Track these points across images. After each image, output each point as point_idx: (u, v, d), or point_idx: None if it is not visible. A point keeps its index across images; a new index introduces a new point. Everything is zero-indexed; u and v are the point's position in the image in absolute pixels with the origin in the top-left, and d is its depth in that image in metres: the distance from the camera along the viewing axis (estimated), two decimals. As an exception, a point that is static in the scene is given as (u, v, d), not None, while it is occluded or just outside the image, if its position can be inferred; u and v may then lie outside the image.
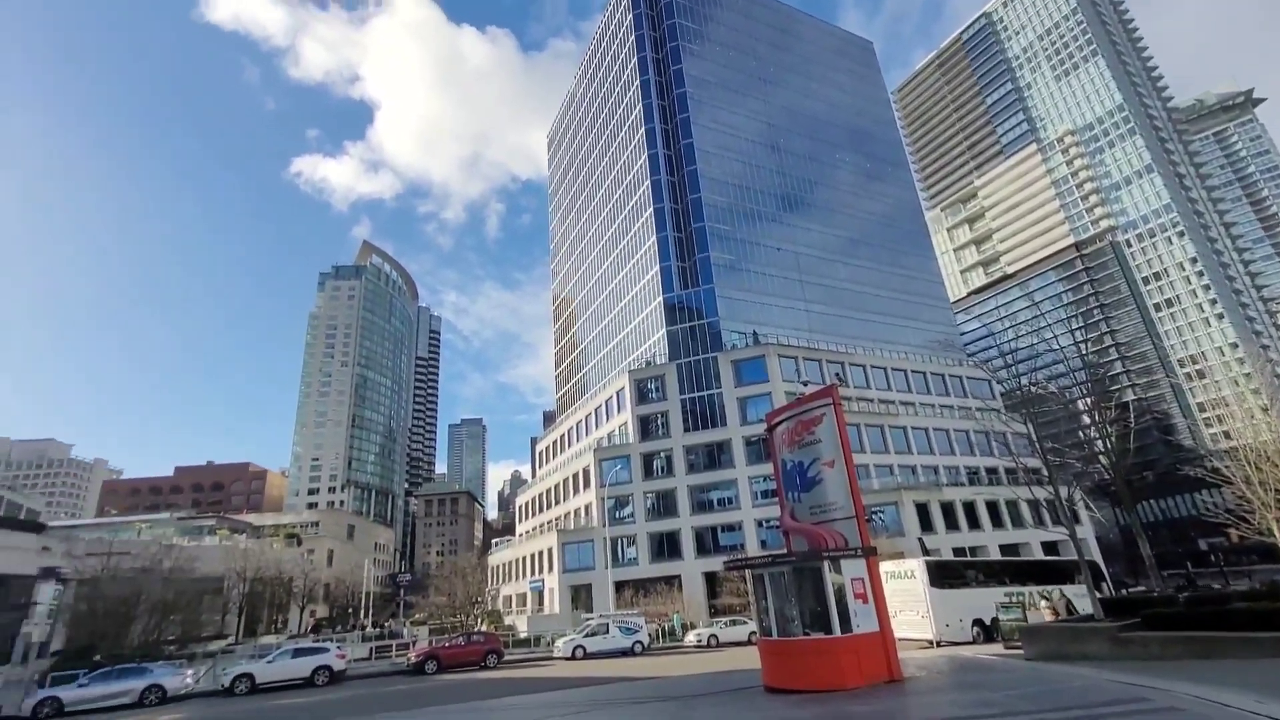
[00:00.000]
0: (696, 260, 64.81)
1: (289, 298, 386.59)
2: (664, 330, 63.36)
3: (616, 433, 61.72)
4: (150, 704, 22.64)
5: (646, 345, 66.88)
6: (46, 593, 25.06)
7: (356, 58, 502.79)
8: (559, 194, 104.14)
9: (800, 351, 59.98)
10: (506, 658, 30.29)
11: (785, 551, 16.33)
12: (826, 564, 13.67)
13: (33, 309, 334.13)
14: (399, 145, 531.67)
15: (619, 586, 46.32)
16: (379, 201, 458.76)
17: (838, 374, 58.49)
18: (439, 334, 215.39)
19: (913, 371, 66.58)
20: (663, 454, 57.16)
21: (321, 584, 77.13)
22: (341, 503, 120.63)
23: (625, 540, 54.18)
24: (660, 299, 64.78)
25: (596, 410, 67.99)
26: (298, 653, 26.16)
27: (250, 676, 24.27)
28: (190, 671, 25.51)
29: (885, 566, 19.14)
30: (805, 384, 20.06)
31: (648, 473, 56.63)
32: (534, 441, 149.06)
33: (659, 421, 58.80)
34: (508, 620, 52.65)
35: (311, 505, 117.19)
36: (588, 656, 29.05)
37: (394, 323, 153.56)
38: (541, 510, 71.01)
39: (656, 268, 66.24)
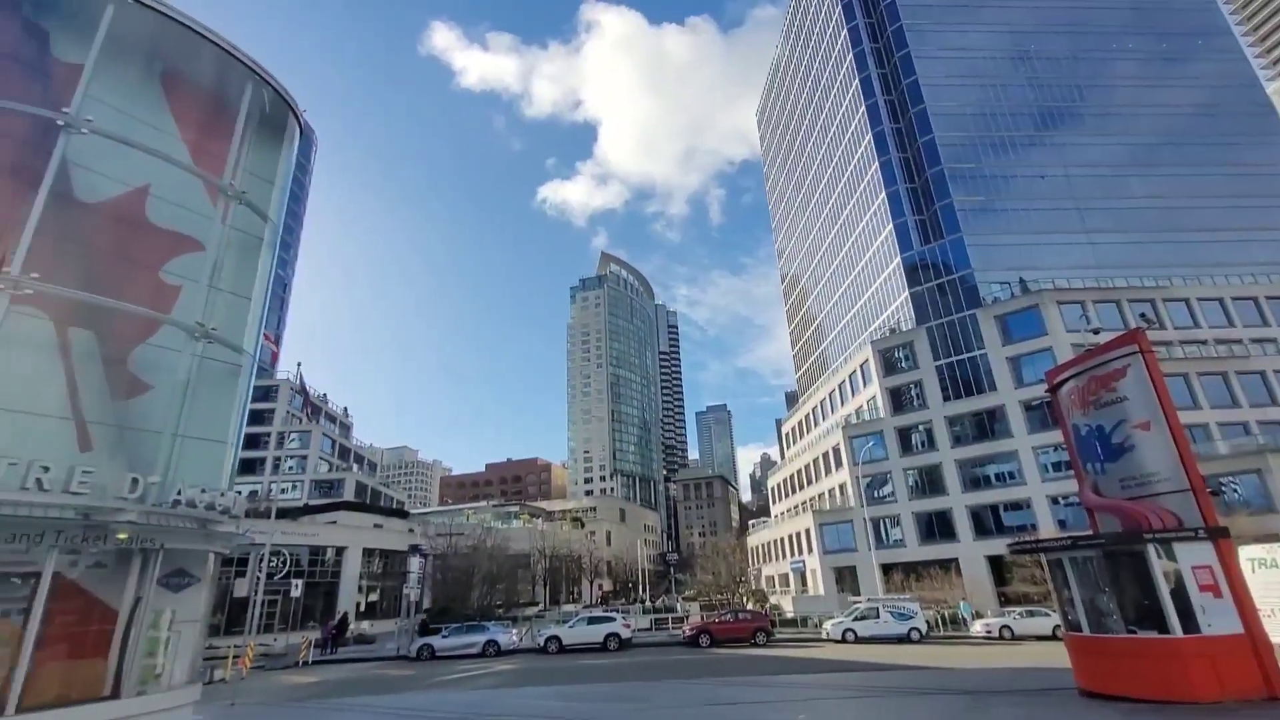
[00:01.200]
0: (937, 210, 57.69)
1: (551, 311, 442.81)
2: (906, 293, 57.75)
3: (865, 408, 58.17)
4: (490, 655, 28.09)
5: (889, 312, 61.71)
6: (414, 564, 32.80)
7: (576, 84, 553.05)
8: (775, 168, 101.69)
9: (1087, 294, 49.48)
10: (776, 637, 30.78)
11: (1091, 533, 13.76)
12: (1152, 548, 11.23)
13: (381, 342, 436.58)
14: (621, 155, 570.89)
15: (886, 569, 43.67)
16: (611, 212, 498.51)
17: (1145, 314, 46.77)
18: (676, 328, 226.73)
19: (1267, 298, 50.25)
20: (921, 427, 52.22)
21: (604, 561, 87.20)
22: (611, 490, 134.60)
23: (888, 521, 50.84)
24: (898, 259, 59.18)
25: (840, 386, 64.90)
26: (591, 620, 30.05)
27: (558, 638, 28.63)
28: (515, 631, 30.98)
29: (1249, 552, 14.92)
30: (1095, 332, 16.53)
31: (905, 448, 52.29)
32: (779, 423, 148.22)
33: (912, 392, 53.83)
34: (772, 599, 53.33)
35: (588, 493, 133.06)
36: (859, 640, 28.05)
37: (636, 323, 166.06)
38: (794, 491, 70.29)
39: (890, 226, 60.66)
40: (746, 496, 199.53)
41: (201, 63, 11.91)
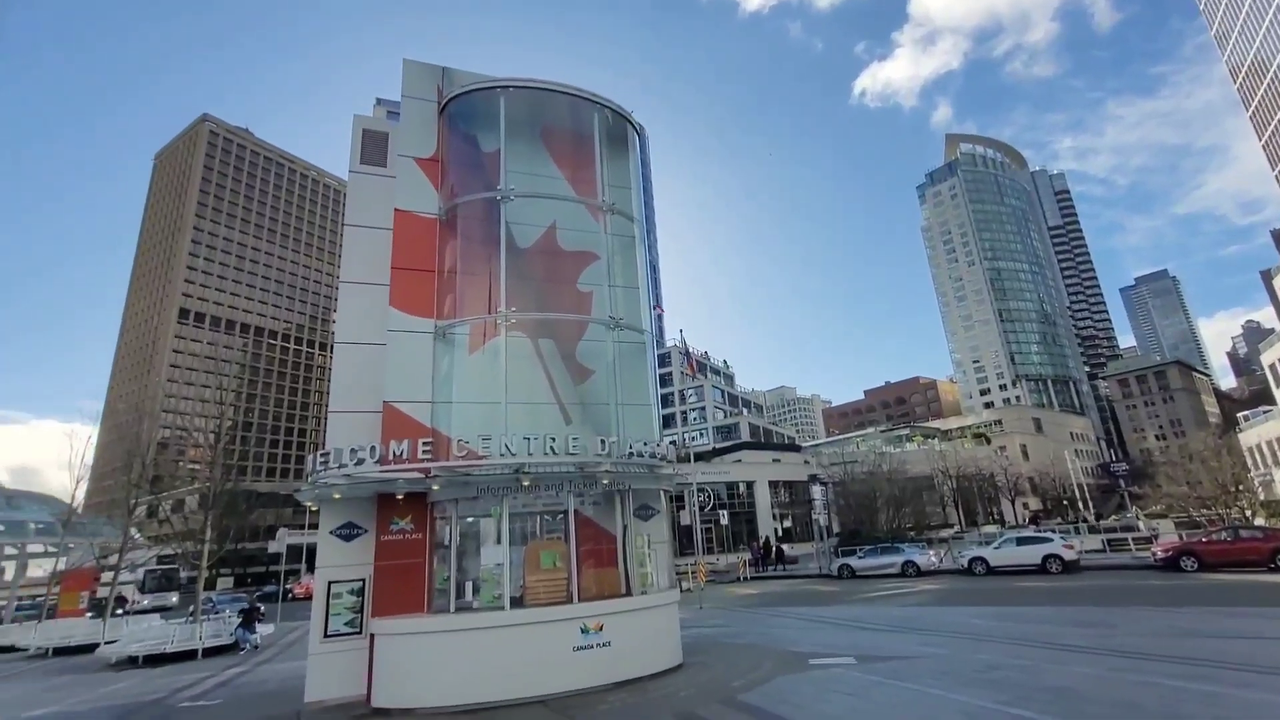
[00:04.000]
0: None
1: (899, 218, 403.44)
2: None
3: None
4: (910, 575, 28.09)
5: None
6: (816, 492, 34.95)
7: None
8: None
9: None
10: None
11: None
12: None
13: (743, 294, 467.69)
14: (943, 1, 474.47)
15: None
16: (947, 76, 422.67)
17: None
18: (1066, 192, 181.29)
19: None
20: None
21: (1023, 478, 76.93)
22: (1016, 398, 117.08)
23: None
24: None
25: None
26: (1021, 541, 27.15)
27: (984, 560, 26.79)
28: (931, 552, 30.22)
29: None
30: None
31: None
32: (1267, 275, 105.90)
33: None
34: (1302, 513, 38.95)
35: (987, 405, 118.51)
36: None
37: (1008, 203, 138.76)
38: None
39: None
40: (1227, 382, 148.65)
41: (561, 110, 14.85)
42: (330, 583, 10.92)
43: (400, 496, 11.20)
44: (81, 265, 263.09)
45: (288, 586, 41.99)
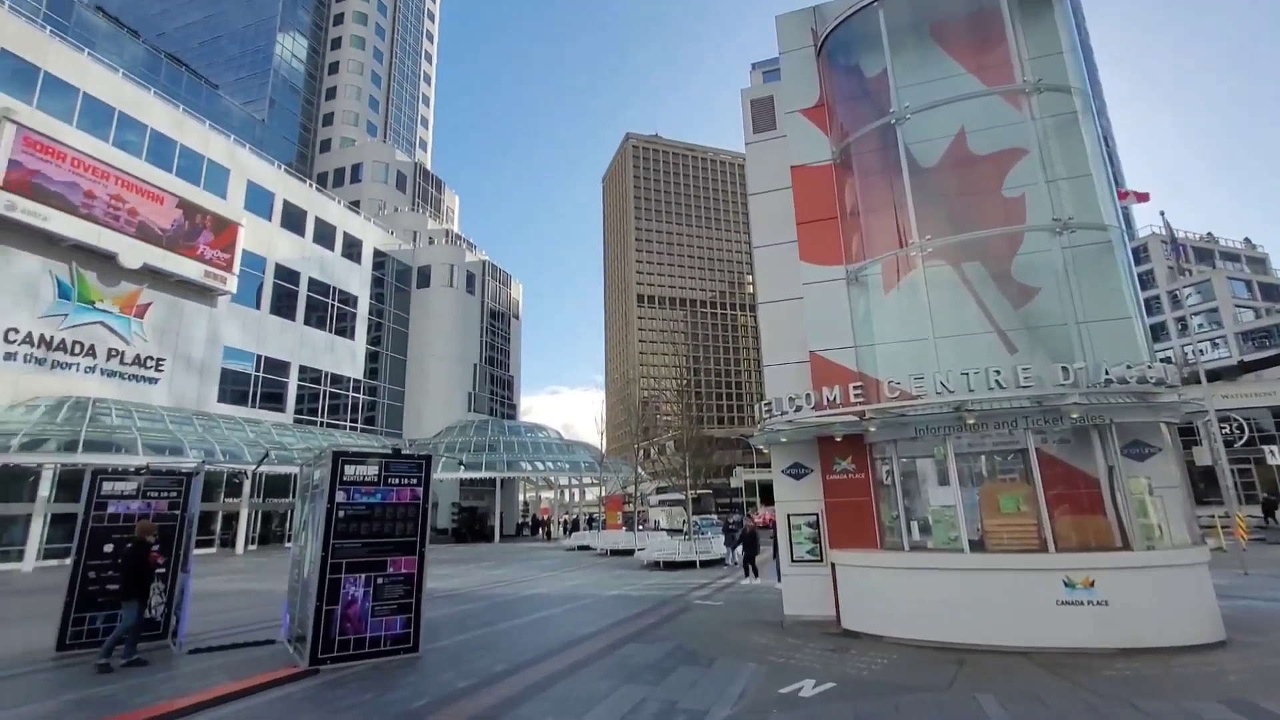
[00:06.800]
0: None
1: None
2: None
3: None
4: None
5: None
6: None
7: None
8: None
9: None
10: None
11: None
12: None
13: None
14: None
15: None
16: None
17: None
18: None
19: None
20: None
21: None
22: None
23: None
24: None
25: None
26: None
27: None
28: None
29: None
30: None
31: None
32: None
33: None
34: None
35: None
36: None
37: None
38: None
39: None
40: None
41: (952, -4, 12.83)
42: (789, 515, 12.35)
43: (838, 438, 11.80)
44: (577, 280, 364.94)
45: (748, 515, 49.11)
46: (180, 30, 72.73)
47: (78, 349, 30.57)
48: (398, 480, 9.60)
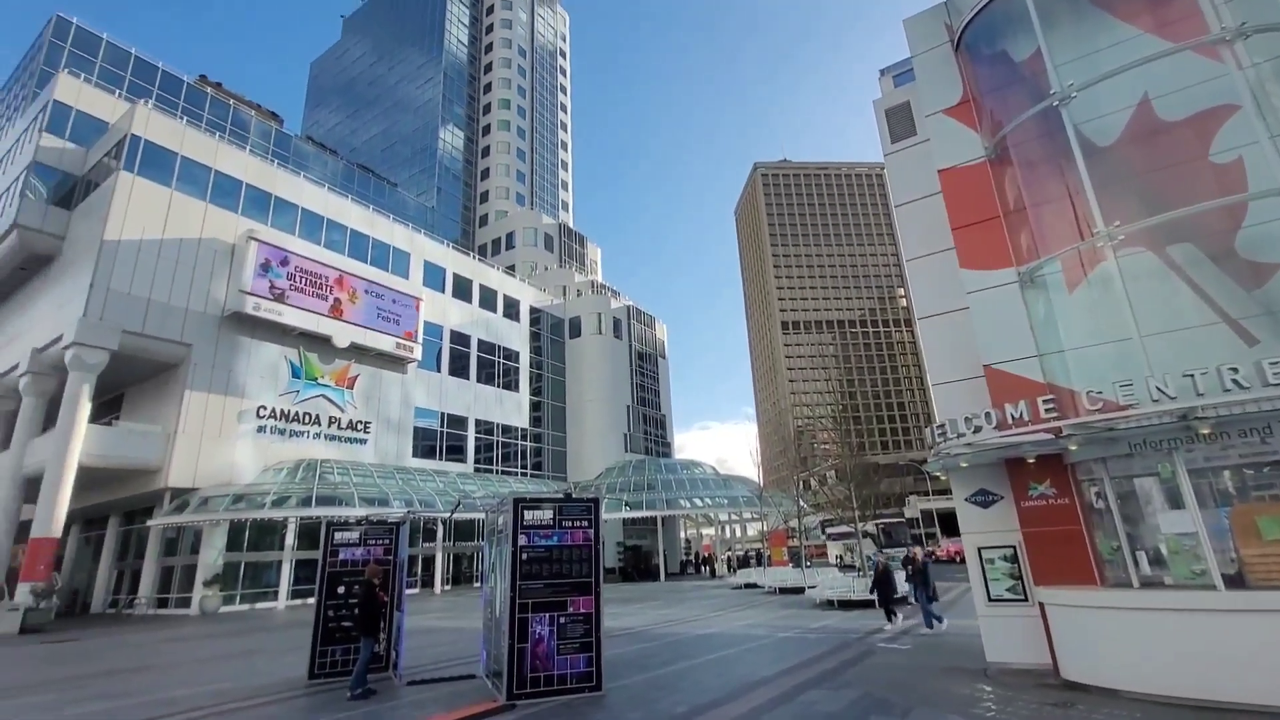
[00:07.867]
0: None
1: None
2: None
3: None
4: None
5: None
6: None
7: None
8: None
9: None
10: None
11: None
12: None
13: None
14: None
15: None
16: None
17: None
18: None
19: None
20: None
21: None
22: None
23: None
24: None
25: None
26: None
27: None
28: None
29: None
30: None
31: None
32: None
33: None
34: None
35: None
36: None
37: None
38: None
39: None
40: None
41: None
42: (980, 549, 11.12)
43: (1031, 460, 10.51)
44: (719, 316, 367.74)
45: (928, 549, 44.63)
46: (365, 143, 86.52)
47: (307, 418, 36.48)
48: (570, 523, 10.17)
